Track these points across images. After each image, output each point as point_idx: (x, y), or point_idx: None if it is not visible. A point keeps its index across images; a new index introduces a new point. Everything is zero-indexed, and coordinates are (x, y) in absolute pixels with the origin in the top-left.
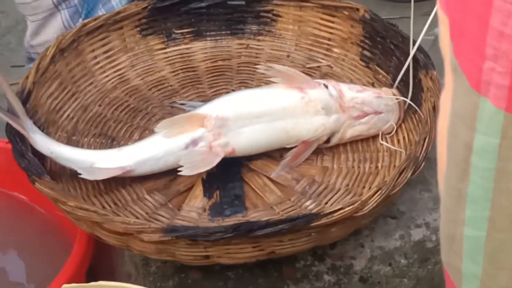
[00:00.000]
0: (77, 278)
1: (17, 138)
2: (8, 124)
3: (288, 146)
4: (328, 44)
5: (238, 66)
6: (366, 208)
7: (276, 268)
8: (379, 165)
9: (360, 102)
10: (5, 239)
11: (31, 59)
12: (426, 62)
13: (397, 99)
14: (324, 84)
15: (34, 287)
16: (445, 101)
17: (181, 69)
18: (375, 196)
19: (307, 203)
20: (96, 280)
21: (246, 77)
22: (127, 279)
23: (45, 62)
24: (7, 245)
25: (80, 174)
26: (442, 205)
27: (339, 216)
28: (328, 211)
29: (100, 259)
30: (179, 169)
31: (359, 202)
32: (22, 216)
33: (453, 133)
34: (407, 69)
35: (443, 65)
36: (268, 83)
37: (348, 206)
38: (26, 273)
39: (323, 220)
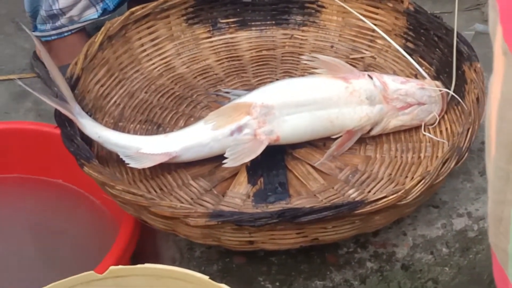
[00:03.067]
0: (123, 261)
1: (66, 123)
2: (56, 109)
3: (332, 136)
4: (371, 36)
5: (283, 56)
6: (410, 197)
7: (319, 255)
8: (422, 155)
9: (403, 94)
10: (54, 225)
11: (51, 17)
12: (470, 54)
13: (440, 90)
14: (368, 75)
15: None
16: (495, 84)
17: (226, 58)
18: (418, 185)
19: (350, 191)
20: (141, 263)
21: (290, 67)
22: (172, 264)
23: (93, 48)
24: (56, 230)
25: (127, 163)
26: (489, 187)
27: (383, 204)
28: (372, 199)
29: (145, 243)
30: (223, 161)
31: (402, 190)
32: (70, 201)
33: (503, 115)
34: (450, 61)
35: (484, 58)
36: (312, 73)
37: (392, 194)
38: (75, 257)
39: (367, 208)
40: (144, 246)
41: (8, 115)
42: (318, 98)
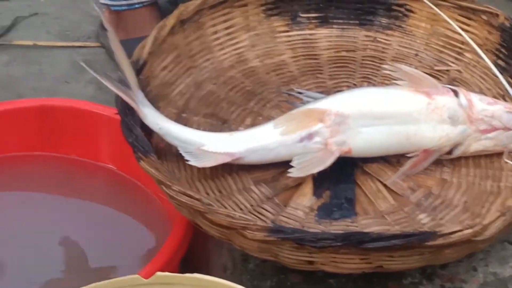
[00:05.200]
0: (171, 266)
1: (126, 110)
2: (118, 95)
3: (407, 153)
4: (460, 48)
5: (363, 59)
6: (487, 233)
7: (381, 282)
8: (502, 185)
9: (489, 115)
10: (103, 214)
11: None
12: None
13: None
14: (453, 91)
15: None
16: None
17: (303, 55)
18: (497, 221)
19: (421, 216)
20: (190, 267)
21: (370, 72)
22: (222, 272)
23: (164, 32)
24: (105, 220)
25: (187, 160)
26: None
27: (457, 238)
28: (445, 232)
29: (197, 246)
30: (289, 170)
31: (479, 226)
32: (124, 192)
33: None
34: None
35: None
36: (392, 83)
37: (467, 228)
38: (121, 250)
39: (439, 241)
40: (196, 249)
41: (68, 84)
42: (397, 112)
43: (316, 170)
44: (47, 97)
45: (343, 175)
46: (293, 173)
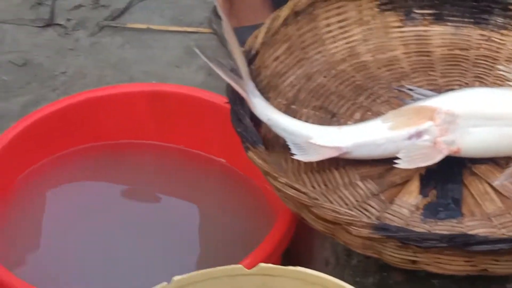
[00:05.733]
0: (274, 258)
1: (237, 100)
2: (229, 84)
3: None
4: None
5: (476, 59)
6: None
7: (485, 285)
8: None
9: None
10: (209, 204)
11: None
12: None
13: None
14: None
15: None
16: None
17: (415, 52)
18: None
19: None
20: (291, 260)
21: (482, 72)
22: (324, 267)
23: (277, 23)
24: (210, 210)
25: (293, 154)
26: None
27: None
28: None
29: (300, 240)
30: (395, 161)
31: None
32: (230, 181)
33: None
34: None
35: None
36: (506, 85)
37: None
38: (224, 241)
39: None
40: (298, 242)
41: (179, 69)
42: (509, 113)
43: (423, 164)
44: (157, 81)
45: (450, 175)
46: (400, 164)
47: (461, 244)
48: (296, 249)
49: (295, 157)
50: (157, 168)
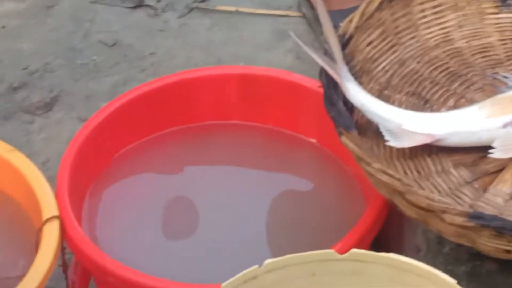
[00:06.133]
0: (364, 243)
1: (330, 84)
2: (322, 68)
3: None
4: None
5: None
6: None
7: None
8: None
9: None
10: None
11: None
12: None
13: None
14: None
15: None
16: None
17: (511, 39)
18: None
19: None
20: (381, 246)
21: None
22: (415, 254)
23: (372, 7)
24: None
25: (387, 141)
26: None
27: None
28: None
29: (390, 226)
30: (490, 151)
31: None
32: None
33: None
34: None
35: None
36: None
37: None
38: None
39: None
40: (389, 228)
41: (267, 52)
42: None
43: None
44: (245, 63)
45: None
46: (495, 154)
47: None
48: (386, 236)
49: (388, 143)
50: (248, 147)
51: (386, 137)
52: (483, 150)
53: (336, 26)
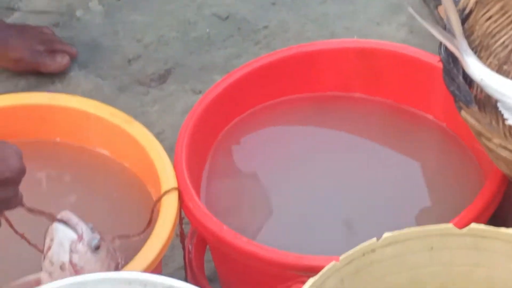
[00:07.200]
0: (482, 218)
1: (450, 59)
2: (442, 43)
3: None
4: None
5: None
6: None
7: None
8: None
9: None
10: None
11: None
12: None
13: None
14: None
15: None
16: None
17: None
18: None
19: None
20: (498, 223)
21: None
22: None
23: None
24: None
25: (505, 118)
26: None
27: None
28: None
29: (508, 201)
30: None
31: None
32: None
33: None
34: None
35: None
36: None
37: None
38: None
39: None
40: (506, 204)
41: (379, 26)
42: None
43: None
44: (358, 37)
45: None
46: None
47: None
48: (503, 211)
49: (507, 122)
50: (367, 120)
51: (505, 115)
52: None
53: (455, 1)
